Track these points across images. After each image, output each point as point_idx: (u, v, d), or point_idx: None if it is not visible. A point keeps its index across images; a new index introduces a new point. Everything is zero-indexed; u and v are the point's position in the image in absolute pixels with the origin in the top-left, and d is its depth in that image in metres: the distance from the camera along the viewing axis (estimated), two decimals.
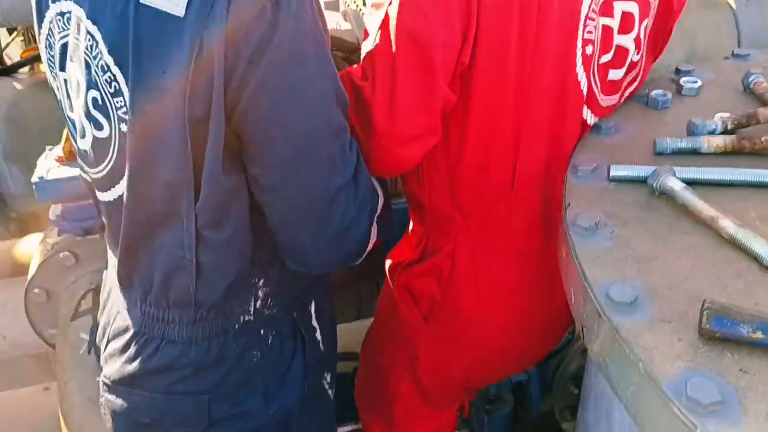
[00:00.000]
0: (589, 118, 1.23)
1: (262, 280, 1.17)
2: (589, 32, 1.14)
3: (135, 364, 1.16)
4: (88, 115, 1.06)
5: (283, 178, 1.03)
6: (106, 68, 0.98)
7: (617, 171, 1.05)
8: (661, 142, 1.11)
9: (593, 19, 1.14)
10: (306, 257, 1.13)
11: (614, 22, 1.19)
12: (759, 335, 0.73)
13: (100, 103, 1.02)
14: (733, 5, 2.28)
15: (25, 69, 2.22)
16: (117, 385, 1.20)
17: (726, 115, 1.14)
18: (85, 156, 1.14)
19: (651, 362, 0.74)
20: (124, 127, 1.00)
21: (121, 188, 1.07)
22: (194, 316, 1.13)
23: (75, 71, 1.05)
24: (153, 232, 1.08)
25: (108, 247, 1.25)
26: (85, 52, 1.00)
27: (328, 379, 1.37)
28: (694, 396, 0.69)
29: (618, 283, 0.84)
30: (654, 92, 1.27)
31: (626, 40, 1.22)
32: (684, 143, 1.10)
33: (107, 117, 1.03)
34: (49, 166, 1.53)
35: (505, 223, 1.27)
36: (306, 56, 0.96)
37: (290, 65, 0.95)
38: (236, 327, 1.16)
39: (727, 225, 0.90)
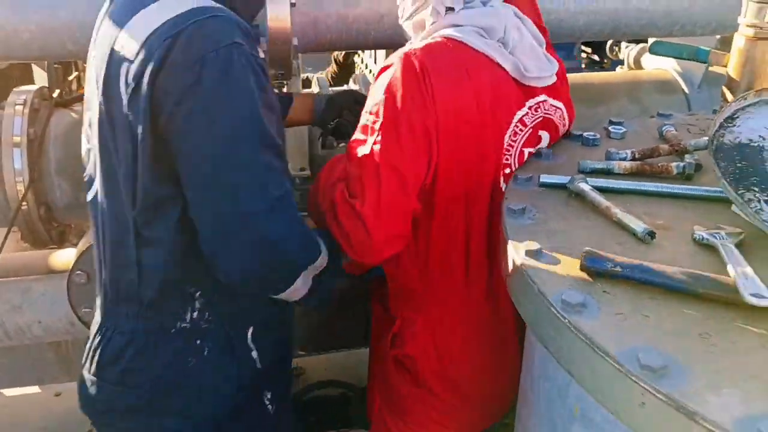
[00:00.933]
0: None
1: (198, 292, 1.37)
2: (507, 161, 1.55)
3: (98, 357, 1.41)
4: (85, 130, 1.43)
5: (195, 196, 1.26)
6: (98, 95, 1.32)
7: (545, 179, 1.40)
8: (583, 163, 1.45)
9: (510, 150, 1.55)
10: (219, 268, 1.29)
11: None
12: (618, 269, 1.05)
13: (90, 122, 1.38)
14: (686, 90, 2.68)
15: (80, 103, 2.59)
16: (91, 377, 1.44)
17: (636, 148, 1.49)
18: (84, 161, 1.48)
19: (543, 285, 1.06)
20: (95, 141, 1.34)
21: (94, 190, 1.41)
22: (137, 311, 1.36)
23: (90, 90, 1.40)
24: (109, 230, 1.36)
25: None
26: (95, 79, 1.35)
27: (269, 396, 1.53)
28: (567, 300, 1.00)
29: (532, 243, 1.16)
30: (587, 133, 1.63)
31: None
32: (600, 165, 1.44)
33: (91, 132, 1.39)
34: None
35: (467, 294, 1.62)
36: (224, 104, 1.21)
37: (209, 110, 1.21)
38: (172, 331, 1.37)
39: (616, 212, 1.23)
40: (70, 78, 2.71)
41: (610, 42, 3.98)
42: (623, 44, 3.40)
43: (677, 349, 0.91)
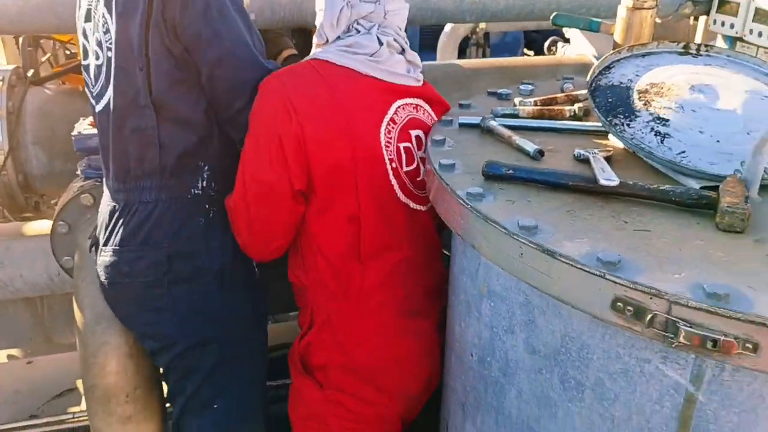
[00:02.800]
0: (410, 203, 1.76)
1: (206, 166, 1.78)
2: (390, 156, 1.71)
3: (121, 229, 1.76)
4: (94, 51, 1.74)
5: (210, 72, 1.67)
6: (102, 15, 1.68)
7: (462, 120, 1.72)
8: (495, 109, 1.77)
9: (389, 146, 1.71)
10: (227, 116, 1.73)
11: (412, 145, 1.76)
12: (510, 172, 1.37)
13: (98, 41, 1.71)
14: None
15: (53, 81, 2.82)
16: (110, 248, 1.78)
17: (538, 97, 1.82)
18: (90, 81, 1.80)
19: (454, 185, 1.37)
20: (110, 54, 1.68)
21: (107, 97, 1.73)
22: (160, 183, 1.73)
23: (89, 25, 1.74)
24: (127, 123, 1.70)
25: (100, 162, 1.86)
26: (93, 10, 1.71)
27: (255, 263, 1.94)
28: (471, 192, 1.31)
29: (447, 160, 1.48)
30: (501, 90, 1.96)
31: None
32: (509, 110, 1.77)
33: (101, 50, 1.71)
34: (82, 128, 2.13)
35: (362, 286, 1.75)
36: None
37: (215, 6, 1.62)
38: (188, 196, 1.76)
39: (516, 138, 1.56)
40: (43, 60, 2.92)
41: (547, 43, 4.39)
42: (559, 44, 3.79)
43: (547, 219, 1.23)
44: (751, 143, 1.30)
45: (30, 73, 2.76)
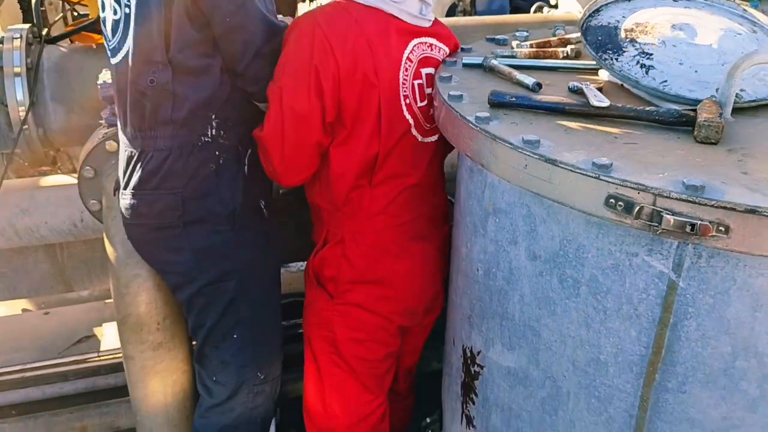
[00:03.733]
0: (419, 137, 1.92)
1: (214, 115, 1.88)
2: (405, 92, 1.86)
3: (138, 173, 1.90)
4: (111, 6, 1.86)
5: (225, 32, 1.78)
6: None
7: (466, 60, 1.88)
8: (494, 51, 1.94)
9: (405, 83, 1.86)
10: (240, 70, 1.84)
11: (423, 81, 1.90)
12: (513, 99, 1.54)
13: None
14: None
15: (66, 40, 2.94)
16: (129, 191, 1.92)
17: (533, 41, 1.99)
18: (108, 36, 1.91)
19: (462, 111, 1.54)
20: (128, 11, 1.79)
21: (125, 51, 1.84)
22: (172, 132, 1.86)
23: None
24: (142, 77, 1.81)
25: (117, 112, 1.98)
26: None
27: (263, 204, 2.08)
28: (479, 116, 1.48)
29: (455, 93, 1.64)
30: (498, 36, 2.12)
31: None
32: (507, 52, 1.93)
33: (120, 5, 1.83)
34: (107, 77, 2.26)
35: (370, 208, 1.94)
36: None
37: None
38: (199, 144, 1.88)
39: (515, 74, 1.72)
40: (55, 20, 3.04)
41: (533, 9, 4.55)
42: (545, 10, 3.94)
43: (548, 136, 1.40)
44: (725, 73, 1.48)
45: (44, 32, 2.87)
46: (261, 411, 2.24)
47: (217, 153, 1.91)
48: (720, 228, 1.16)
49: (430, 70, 1.91)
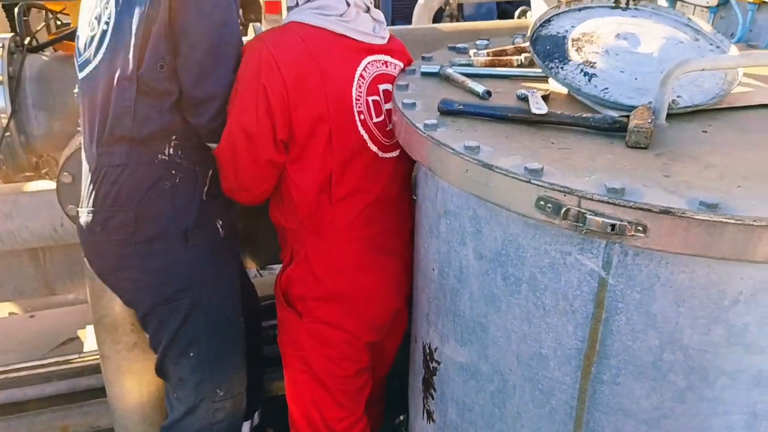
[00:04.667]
0: (378, 152, 1.96)
1: (174, 136, 1.90)
2: (359, 108, 1.90)
3: (95, 190, 1.92)
4: (89, 23, 1.91)
5: (188, 57, 1.80)
6: None
7: (423, 68, 1.96)
8: (452, 60, 2.02)
9: (359, 99, 1.90)
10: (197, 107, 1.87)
11: (380, 98, 1.95)
12: (460, 107, 1.62)
13: (97, 15, 1.88)
14: None
15: (49, 48, 3.02)
16: (86, 208, 1.96)
17: (491, 50, 2.07)
18: (79, 50, 1.95)
19: (414, 119, 1.62)
20: (105, 28, 1.84)
21: (93, 65, 1.88)
22: (129, 149, 1.87)
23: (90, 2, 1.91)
24: (108, 92, 1.85)
25: (80, 121, 2.01)
26: None
27: (219, 223, 2.07)
28: (427, 123, 1.56)
29: (409, 100, 1.72)
30: (459, 45, 2.20)
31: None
32: (464, 61, 2.01)
33: (99, 22, 1.88)
34: None
35: (332, 225, 1.99)
36: None
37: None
38: (155, 161, 1.89)
39: (468, 82, 1.80)
40: (38, 29, 3.11)
41: (517, 13, 4.65)
42: (529, 13, 4.03)
43: (488, 142, 1.48)
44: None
45: (26, 41, 2.94)
46: (223, 426, 2.24)
47: (173, 172, 1.93)
48: (638, 228, 1.24)
49: (388, 86, 1.96)
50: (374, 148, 1.96)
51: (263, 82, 1.80)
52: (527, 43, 1.89)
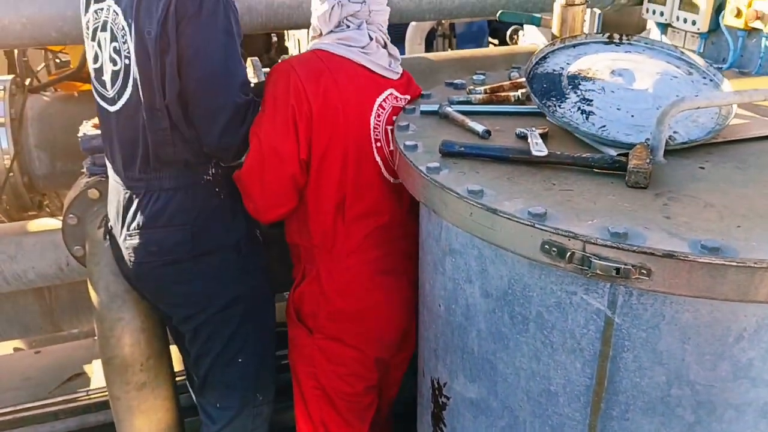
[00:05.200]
0: (390, 178, 2.05)
1: (214, 158, 2.03)
2: (377, 135, 2.01)
3: (145, 213, 2.01)
4: (110, 58, 1.97)
5: (196, 88, 1.89)
6: (121, 28, 1.90)
7: (423, 107, 2.00)
8: (450, 98, 2.06)
9: (377, 128, 2.01)
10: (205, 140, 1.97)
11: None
12: (462, 149, 1.65)
13: (117, 49, 1.94)
14: None
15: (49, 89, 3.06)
16: (135, 230, 2.03)
17: (488, 86, 2.11)
18: (103, 86, 2.02)
19: (416, 161, 1.65)
20: (127, 62, 1.91)
21: (125, 98, 1.96)
22: (176, 172, 2.00)
23: (105, 35, 1.96)
24: (145, 123, 1.93)
25: (108, 157, 2.11)
26: (111, 23, 1.93)
27: (258, 233, 2.25)
28: (430, 166, 1.59)
29: (411, 141, 1.76)
30: (456, 81, 2.24)
31: None
32: (462, 98, 2.05)
33: (120, 57, 1.94)
34: (86, 129, 2.37)
35: (343, 246, 2.07)
36: (216, 31, 1.86)
37: (206, 30, 1.85)
38: (202, 182, 2.04)
39: (467, 121, 1.84)
40: (38, 69, 3.15)
41: (509, 32, 4.72)
42: (520, 33, 4.09)
43: (491, 185, 1.52)
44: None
45: (27, 81, 2.98)
46: None
47: (217, 189, 2.07)
48: (642, 271, 1.27)
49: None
50: (387, 175, 2.05)
51: (293, 104, 1.90)
52: (524, 79, 1.93)
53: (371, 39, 2.02)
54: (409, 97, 2.13)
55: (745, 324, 1.33)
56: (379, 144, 2.02)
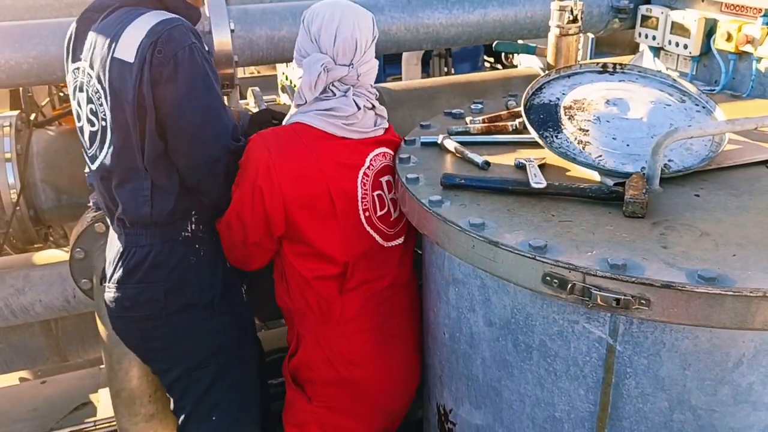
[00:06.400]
0: (384, 244, 1.98)
1: (194, 212, 2.00)
2: (365, 206, 1.92)
3: (123, 268, 2.00)
4: (88, 119, 1.97)
5: (187, 148, 1.88)
6: (96, 91, 1.90)
7: (423, 139, 2.04)
8: (449, 129, 2.10)
9: (365, 198, 1.91)
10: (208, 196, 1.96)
11: (382, 191, 1.96)
12: (462, 182, 1.69)
13: (93, 110, 1.94)
14: None
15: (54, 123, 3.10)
16: (114, 284, 2.02)
17: (486, 115, 2.15)
18: (85, 144, 2.02)
19: (418, 194, 1.69)
20: (104, 123, 1.90)
21: (101, 158, 1.94)
22: (153, 230, 1.96)
23: (83, 96, 1.97)
24: (121, 183, 1.93)
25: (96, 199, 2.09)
26: (87, 84, 1.93)
27: (244, 288, 2.18)
28: (432, 200, 1.63)
29: (413, 174, 1.80)
30: (455, 110, 2.29)
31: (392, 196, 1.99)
32: (461, 128, 2.09)
33: (97, 118, 1.93)
34: None
35: (341, 315, 1.98)
36: (196, 88, 1.83)
37: (186, 90, 1.82)
38: (179, 239, 1.99)
39: (467, 153, 1.88)
40: (43, 104, 3.20)
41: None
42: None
43: (492, 217, 1.56)
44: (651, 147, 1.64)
45: (32, 116, 3.03)
46: None
47: (197, 246, 2.03)
48: (642, 301, 1.30)
49: (389, 177, 1.98)
50: (380, 240, 1.98)
51: (260, 184, 1.84)
52: (521, 109, 1.98)
53: (358, 108, 1.89)
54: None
55: (743, 350, 1.36)
56: (367, 214, 1.94)
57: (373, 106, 1.96)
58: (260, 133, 1.91)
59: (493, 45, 2.35)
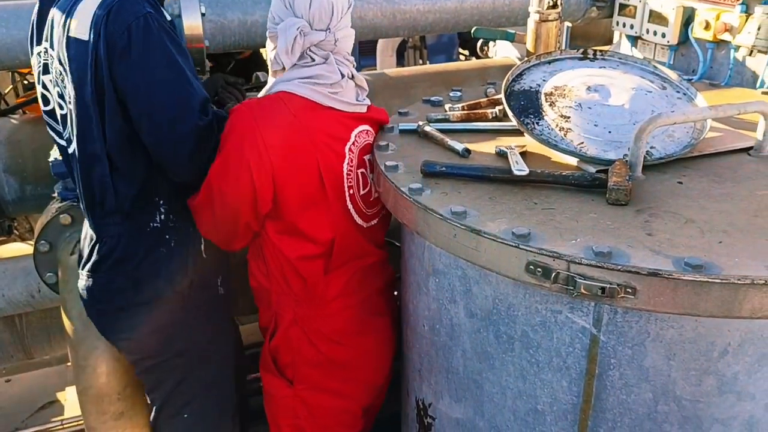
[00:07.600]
0: (363, 224, 1.94)
1: (162, 202, 1.91)
2: (350, 182, 1.87)
3: (94, 257, 1.93)
4: (57, 102, 1.89)
5: (149, 126, 1.76)
6: (59, 73, 1.82)
7: (402, 126, 1.99)
8: (429, 116, 2.05)
9: (350, 174, 1.87)
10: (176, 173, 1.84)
11: (366, 170, 1.92)
12: (443, 169, 1.65)
13: (60, 93, 1.86)
14: None
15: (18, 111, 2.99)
16: (86, 273, 1.96)
17: (465, 102, 2.11)
18: (58, 127, 1.94)
19: (398, 182, 1.64)
20: (71, 107, 1.81)
21: (73, 145, 1.86)
22: (120, 219, 1.89)
23: (49, 77, 1.89)
24: (89, 168, 1.85)
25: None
26: (51, 66, 1.85)
27: (220, 281, 2.10)
28: (412, 187, 1.58)
29: (391, 161, 1.75)
30: (434, 97, 2.24)
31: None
32: (440, 116, 2.05)
33: (64, 102, 1.86)
34: (57, 153, 2.31)
35: (324, 294, 1.95)
36: (153, 62, 1.71)
37: (141, 65, 1.71)
38: (148, 229, 1.91)
39: (447, 140, 1.83)
40: (6, 91, 3.09)
41: (479, 43, 4.77)
42: (491, 44, 4.13)
43: (474, 205, 1.51)
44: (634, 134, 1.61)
45: None
46: None
47: (167, 237, 1.95)
48: (627, 290, 1.27)
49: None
50: (359, 221, 1.95)
51: (247, 157, 1.76)
52: (501, 96, 1.94)
53: (342, 75, 1.84)
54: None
55: (729, 339, 1.34)
56: (351, 191, 1.90)
57: (353, 76, 1.90)
58: (244, 102, 1.84)
59: (472, 31, 2.30)
